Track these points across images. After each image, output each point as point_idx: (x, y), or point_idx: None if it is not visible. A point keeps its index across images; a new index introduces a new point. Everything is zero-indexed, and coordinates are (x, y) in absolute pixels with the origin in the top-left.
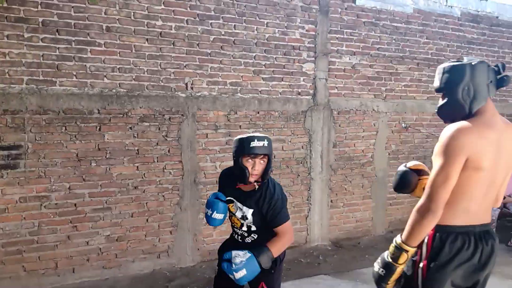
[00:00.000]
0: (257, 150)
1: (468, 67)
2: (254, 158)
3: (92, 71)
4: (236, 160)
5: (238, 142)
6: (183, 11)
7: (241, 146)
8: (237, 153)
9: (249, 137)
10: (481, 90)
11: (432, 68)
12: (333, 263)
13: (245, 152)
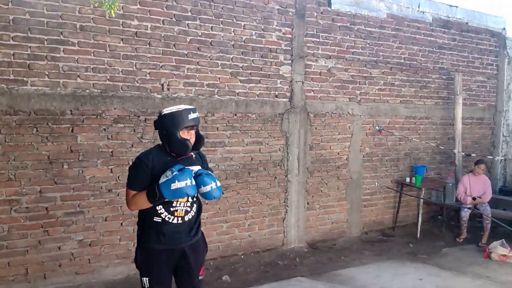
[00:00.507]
0: (194, 122)
1: None
2: (191, 129)
3: (65, 70)
4: (172, 134)
5: (174, 116)
6: (159, 11)
7: (180, 120)
8: (175, 128)
9: (184, 110)
10: None
11: (404, 73)
12: (310, 265)
13: (185, 124)
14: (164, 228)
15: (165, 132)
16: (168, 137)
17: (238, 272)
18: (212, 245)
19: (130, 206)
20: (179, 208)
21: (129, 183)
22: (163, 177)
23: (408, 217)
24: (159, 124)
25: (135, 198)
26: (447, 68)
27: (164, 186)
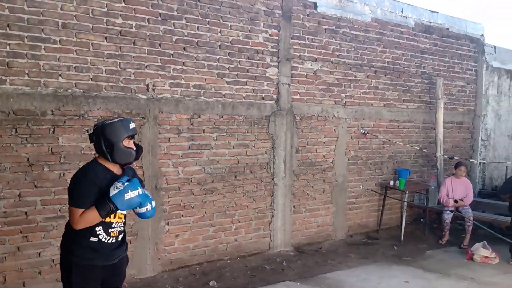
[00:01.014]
0: (134, 131)
1: None
2: (131, 139)
3: (46, 69)
4: (116, 144)
5: (116, 126)
6: (145, 10)
7: (121, 129)
8: (118, 137)
9: (125, 119)
10: None
11: (388, 76)
12: (297, 269)
13: (128, 134)
14: (99, 247)
15: (107, 143)
16: (111, 147)
17: (225, 277)
18: (198, 250)
19: (78, 225)
20: (116, 229)
21: (76, 202)
22: (113, 189)
23: (391, 220)
24: (99, 136)
25: (85, 216)
26: (429, 72)
27: (118, 198)
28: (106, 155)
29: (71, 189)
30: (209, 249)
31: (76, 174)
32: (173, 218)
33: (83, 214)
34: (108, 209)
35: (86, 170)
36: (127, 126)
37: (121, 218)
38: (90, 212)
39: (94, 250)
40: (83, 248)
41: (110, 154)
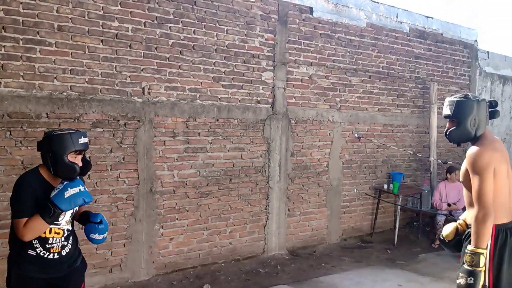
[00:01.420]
0: (83, 146)
1: (476, 103)
2: (79, 154)
3: (41, 72)
4: (59, 157)
5: (64, 139)
6: (141, 13)
7: (69, 143)
8: (63, 151)
9: (75, 133)
10: (482, 121)
11: (383, 81)
12: (291, 272)
13: (75, 148)
14: (39, 261)
15: (51, 154)
16: (55, 160)
17: (220, 280)
18: (193, 253)
19: (26, 236)
20: (55, 245)
21: (18, 213)
22: (53, 192)
23: (385, 223)
24: (45, 145)
25: (29, 225)
26: (423, 77)
27: (58, 198)
28: (48, 166)
29: (11, 200)
30: (204, 253)
31: (15, 185)
32: (168, 221)
33: (27, 223)
34: (50, 211)
35: (24, 179)
36: (76, 140)
37: (59, 234)
38: (34, 219)
39: (33, 263)
40: (22, 260)
41: (52, 166)
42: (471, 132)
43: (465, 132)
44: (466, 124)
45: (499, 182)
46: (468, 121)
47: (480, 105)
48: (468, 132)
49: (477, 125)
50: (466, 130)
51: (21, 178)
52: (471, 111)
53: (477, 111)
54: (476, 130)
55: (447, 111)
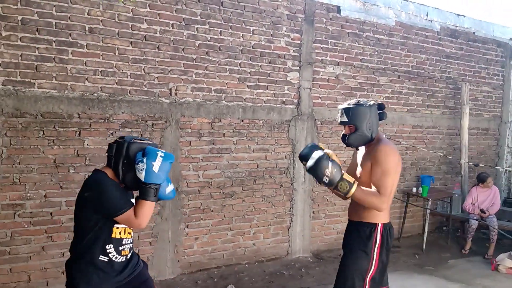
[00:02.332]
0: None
1: (368, 108)
2: None
3: (73, 73)
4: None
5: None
6: (169, 15)
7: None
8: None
9: (153, 144)
10: (375, 123)
11: (412, 81)
12: (316, 276)
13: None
14: (109, 268)
15: (126, 161)
16: (129, 168)
17: (243, 281)
18: (217, 253)
19: (144, 223)
20: (126, 246)
21: (122, 206)
22: (140, 173)
23: (413, 228)
24: (122, 150)
25: (141, 211)
26: (454, 77)
27: (150, 176)
28: (118, 172)
29: (101, 201)
30: (228, 253)
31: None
32: (193, 221)
33: (137, 212)
34: (153, 191)
35: (99, 176)
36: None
37: (130, 233)
38: (142, 205)
39: (104, 271)
40: (92, 272)
41: (123, 173)
42: (368, 135)
43: (364, 135)
44: (363, 128)
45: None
46: (364, 125)
47: (372, 109)
48: (365, 135)
49: (372, 128)
50: (364, 133)
51: (96, 177)
52: (366, 115)
53: (370, 115)
54: (372, 132)
55: (343, 118)
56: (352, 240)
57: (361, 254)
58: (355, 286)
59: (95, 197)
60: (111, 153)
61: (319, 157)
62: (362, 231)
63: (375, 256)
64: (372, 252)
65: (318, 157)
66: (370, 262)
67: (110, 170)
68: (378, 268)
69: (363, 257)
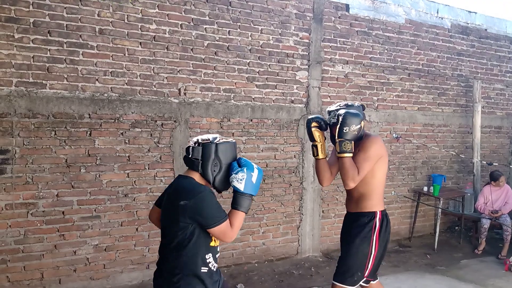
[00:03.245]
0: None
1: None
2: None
3: (83, 74)
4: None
5: (232, 147)
6: (178, 15)
7: (235, 152)
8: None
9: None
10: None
11: (423, 79)
12: (326, 275)
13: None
14: (208, 279)
15: (216, 162)
16: (220, 169)
17: (253, 280)
18: (226, 252)
19: (234, 235)
20: (219, 253)
21: (221, 216)
22: (238, 183)
23: (425, 227)
24: (210, 152)
25: (236, 223)
26: (466, 75)
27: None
28: (209, 176)
29: (202, 210)
30: (237, 252)
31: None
32: None
33: (232, 222)
34: (249, 202)
35: (197, 186)
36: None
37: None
38: (235, 216)
39: (204, 283)
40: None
41: (214, 176)
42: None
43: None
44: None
45: (384, 174)
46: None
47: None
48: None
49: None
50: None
51: (189, 183)
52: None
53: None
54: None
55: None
56: (353, 229)
57: (363, 241)
58: (357, 272)
59: (193, 206)
60: (196, 156)
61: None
62: (362, 220)
63: (375, 241)
64: (372, 237)
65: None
66: (370, 247)
67: (197, 174)
68: (378, 252)
69: (365, 243)
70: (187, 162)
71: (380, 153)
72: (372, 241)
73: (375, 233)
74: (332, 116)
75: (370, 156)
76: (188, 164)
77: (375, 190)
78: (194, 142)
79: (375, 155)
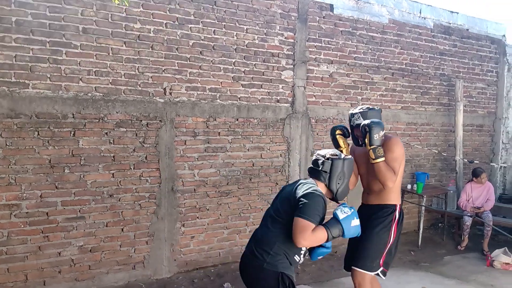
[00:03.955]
0: None
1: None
2: None
3: (67, 73)
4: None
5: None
6: (162, 14)
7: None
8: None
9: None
10: None
11: (406, 79)
12: (312, 273)
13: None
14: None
15: (341, 177)
16: (343, 182)
17: (239, 279)
18: (213, 252)
19: (306, 240)
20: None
21: (313, 216)
22: (341, 213)
23: (409, 224)
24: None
25: (316, 234)
26: (448, 74)
27: (346, 222)
28: (334, 187)
29: (307, 203)
30: (224, 251)
31: (316, 195)
32: (189, 220)
33: (314, 230)
34: (338, 232)
35: (322, 194)
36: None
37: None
38: (321, 231)
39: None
40: (290, 264)
41: (338, 188)
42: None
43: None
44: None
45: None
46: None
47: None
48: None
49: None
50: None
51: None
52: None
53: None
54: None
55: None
56: (375, 220)
57: (384, 231)
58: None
59: (304, 202)
60: (326, 170)
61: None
62: (384, 211)
63: (393, 232)
64: (391, 228)
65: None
66: (389, 236)
67: (322, 184)
68: (394, 240)
69: (385, 233)
70: (313, 172)
71: (403, 151)
72: (391, 232)
73: (394, 225)
74: (356, 118)
75: (397, 156)
76: (313, 175)
77: (396, 185)
78: (322, 156)
79: (401, 154)
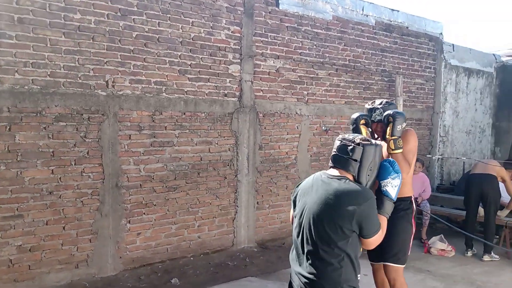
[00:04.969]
0: None
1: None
2: None
3: (1, 65)
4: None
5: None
6: (104, 5)
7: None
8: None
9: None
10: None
11: (349, 74)
12: (260, 265)
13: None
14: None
15: (372, 168)
16: (372, 174)
17: (188, 274)
18: (161, 248)
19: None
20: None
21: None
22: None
23: None
24: (370, 155)
25: (384, 229)
26: (389, 70)
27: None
28: (363, 179)
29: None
30: (172, 247)
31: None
32: (135, 216)
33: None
34: (392, 207)
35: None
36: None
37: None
38: (384, 222)
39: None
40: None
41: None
42: None
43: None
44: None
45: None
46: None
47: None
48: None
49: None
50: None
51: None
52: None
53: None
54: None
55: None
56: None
57: (407, 224)
58: (407, 251)
59: (362, 212)
60: (356, 158)
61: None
62: (404, 204)
63: (413, 223)
64: (412, 219)
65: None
66: (412, 228)
67: (350, 175)
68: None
69: (409, 226)
70: (339, 161)
71: (417, 143)
72: (412, 223)
73: (412, 216)
74: (378, 114)
75: (412, 148)
76: (339, 164)
77: (409, 176)
78: (351, 141)
79: (415, 146)
